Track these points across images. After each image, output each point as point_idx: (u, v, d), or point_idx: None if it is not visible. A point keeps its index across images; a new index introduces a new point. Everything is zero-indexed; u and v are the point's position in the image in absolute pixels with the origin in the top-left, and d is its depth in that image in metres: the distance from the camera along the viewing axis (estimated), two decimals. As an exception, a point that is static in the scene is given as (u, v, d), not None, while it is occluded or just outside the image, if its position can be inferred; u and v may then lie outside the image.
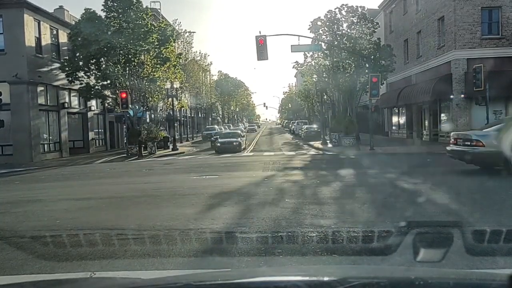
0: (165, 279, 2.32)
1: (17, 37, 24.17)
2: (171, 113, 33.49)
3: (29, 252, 5.53)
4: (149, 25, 27.15)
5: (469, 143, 11.73)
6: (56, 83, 27.42)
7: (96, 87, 27.16)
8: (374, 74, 23.33)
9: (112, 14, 26.76)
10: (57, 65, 27.21)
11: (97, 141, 33.35)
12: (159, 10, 38.75)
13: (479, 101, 22.32)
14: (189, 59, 43.83)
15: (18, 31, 24.15)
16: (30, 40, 24.82)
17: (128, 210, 8.54)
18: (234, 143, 27.59)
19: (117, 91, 26.57)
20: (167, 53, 28.84)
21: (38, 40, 25.88)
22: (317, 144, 29.73)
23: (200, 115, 63.35)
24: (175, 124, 35.54)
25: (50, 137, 27.30)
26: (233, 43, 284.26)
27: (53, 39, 27.88)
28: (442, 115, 27.11)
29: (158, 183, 12.89)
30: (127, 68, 27.23)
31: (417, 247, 4.56)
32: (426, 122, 29.71)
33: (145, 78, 27.84)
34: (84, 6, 74.88)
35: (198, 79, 49.60)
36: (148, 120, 31.71)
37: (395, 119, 36.62)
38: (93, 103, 31.42)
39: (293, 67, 34.62)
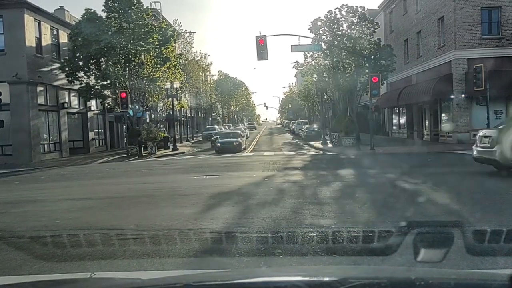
0: (165, 280, 2.31)
1: (18, 37, 24.15)
2: (171, 113, 33.48)
3: (28, 253, 5.52)
4: (150, 26, 27.15)
5: None
6: (56, 83, 27.41)
7: (96, 87, 27.15)
8: (375, 74, 23.28)
9: (113, 14, 26.75)
10: (57, 65, 27.19)
11: (97, 141, 33.34)
12: (159, 11, 38.76)
13: (480, 101, 22.29)
14: (189, 59, 43.83)
15: (18, 32, 24.14)
16: (30, 40, 24.80)
17: (128, 210, 8.52)
18: (234, 143, 27.55)
19: (117, 91, 26.56)
20: (167, 53, 28.83)
21: (39, 40, 25.87)
22: (317, 144, 29.71)
23: (200, 115, 63.31)
24: (175, 124, 35.52)
25: (50, 137, 27.28)
26: (233, 43, 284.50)
27: (54, 39, 27.87)
28: (443, 115, 27.05)
29: (158, 183, 12.88)
30: (127, 68, 27.22)
31: (418, 247, 4.55)
32: (427, 122, 29.67)
33: (145, 78, 27.84)
34: (85, 6, 74.79)
35: (198, 79, 49.60)
36: (148, 120, 31.69)
37: (395, 119, 36.57)
38: (93, 103, 31.41)
39: (293, 67, 34.62)
